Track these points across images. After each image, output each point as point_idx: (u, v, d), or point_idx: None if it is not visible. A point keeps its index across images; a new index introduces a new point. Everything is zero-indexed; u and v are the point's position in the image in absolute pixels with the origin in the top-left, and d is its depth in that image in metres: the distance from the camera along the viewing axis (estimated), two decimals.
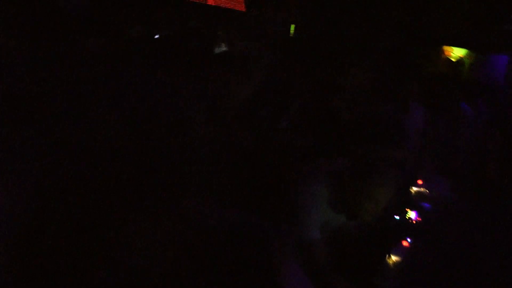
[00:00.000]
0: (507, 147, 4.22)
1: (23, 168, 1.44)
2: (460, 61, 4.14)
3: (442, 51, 4.09)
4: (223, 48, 2.53)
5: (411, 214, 2.87)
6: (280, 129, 2.59)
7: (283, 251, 1.50)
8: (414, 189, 3.31)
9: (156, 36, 2.41)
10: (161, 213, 1.47)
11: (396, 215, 2.83)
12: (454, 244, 2.58)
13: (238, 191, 2.23)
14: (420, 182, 3.46)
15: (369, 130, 3.69)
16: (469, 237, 2.73)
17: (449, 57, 4.08)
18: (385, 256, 2.34)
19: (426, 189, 3.31)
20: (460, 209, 3.07)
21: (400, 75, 3.93)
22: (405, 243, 2.52)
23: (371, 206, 2.12)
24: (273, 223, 1.61)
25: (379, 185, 2.10)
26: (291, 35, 2.69)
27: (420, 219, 2.83)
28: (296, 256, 2.10)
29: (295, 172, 2.34)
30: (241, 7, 2.68)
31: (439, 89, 4.56)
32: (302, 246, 2.14)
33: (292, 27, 2.85)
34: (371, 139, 3.68)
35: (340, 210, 2.21)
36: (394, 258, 2.32)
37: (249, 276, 1.32)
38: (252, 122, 2.49)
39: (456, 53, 4.02)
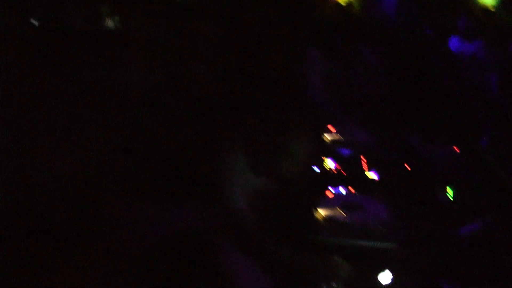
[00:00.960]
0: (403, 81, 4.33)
1: None
2: (349, 1, 4.11)
3: None
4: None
5: (329, 163, 2.83)
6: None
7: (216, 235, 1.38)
8: (328, 137, 3.28)
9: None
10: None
11: (315, 166, 2.77)
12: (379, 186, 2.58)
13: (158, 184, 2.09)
14: (332, 129, 3.43)
15: (270, 84, 3.61)
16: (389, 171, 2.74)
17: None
18: (313, 211, 2.27)
19: (340, 135, 3.29)
20: (374, 149, 3.07)
21: (291, 23, 3.85)
22: (329, 194, 2.47)
23: (288, 162, 2.04)
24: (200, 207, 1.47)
25: (292, 139, 2.01)
26: None
27: (339, 167, 2.79)
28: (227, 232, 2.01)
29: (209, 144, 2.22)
30: None
31: (333, 32, 4.57)
32: (232, 218, 2.07)
33: None
34: (274, 92, 3.61)
35: (259, 173, 2.10)
36: (321, 210, 2.26)
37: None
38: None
39: None
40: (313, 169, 2.76)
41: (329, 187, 2.52)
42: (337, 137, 3.29)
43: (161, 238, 1.17)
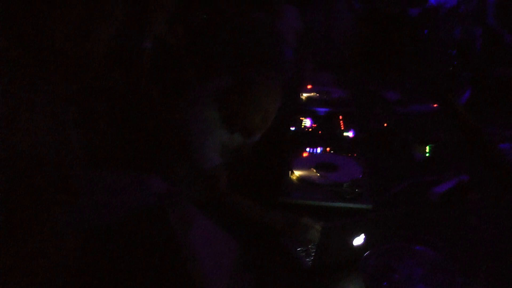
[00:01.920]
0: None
1: None
2: None
3: None
4: None
5: (306, 122, 2.78)
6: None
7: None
8: (305, 95, 3.22)
9: None
10: None
11: (292, 126, 2.72)
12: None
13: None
14: (309, 86, 3.38)
15: (246, 41, 3.52)
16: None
17: None
18: (287, 172, 2.23)
19: (315, 92, 3.23)
20: (352, 107, 3.03)
21: None
22: (304, 154, 2.43)
23: (262, 120, 1.99)
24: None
25: (266, 96, 1.96)
26: None
27: (315, 125, 2.75)
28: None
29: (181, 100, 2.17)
30: None
31: None
32: (202, 177, 2.05)
33: None
34: (249, 50, 3.52)
35: (232, 129, 2.07)
36: (295, 172, 2.22)
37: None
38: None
39: None
40: (290, 129, 2.71)
41: (306, 147, 2.49)
42: (314, 95, 3.24)
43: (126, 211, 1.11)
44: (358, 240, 1.72)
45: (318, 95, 3.21)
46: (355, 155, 2.40)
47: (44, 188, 0.92)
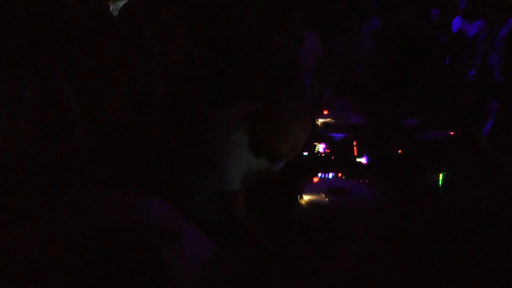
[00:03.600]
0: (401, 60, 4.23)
1: None
2: None
3: None
4: None
5: (320, 147, 2.77)
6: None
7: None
8: (320, 120, 3.21)
9: None
10: None
11: (305, 151, 2.71)
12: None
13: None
14: (325, 112, 3.37)
15: (269, 67, 3.55)
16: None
17: None
18: (297, 196, 2.22)
19: (332, 118, 3.22)
20: (367, 133, 3.00)
21: (284, 5, 3.78)
22: (315, 179, 2.41)
23: (289, 146, 2.03)
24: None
25: (296, 125, 1.97)
26: None
27: (329, 151, 2.73)
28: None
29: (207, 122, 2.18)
30: None
31: (328, 10, 4.47)
32: (220, 199, 2.05)
33: None
34: (273, 76, 3.55)
35: (260, 154, 2.09)
36: (305, 196, 2.20)
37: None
38: None
39: None
40: (303, 153, 2.70)
41: (318, 172, 2.47)
42: (330, 120, 3.23)
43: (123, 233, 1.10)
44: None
45: (334, 120, 3.19)
46: (367, 181, 2.37)
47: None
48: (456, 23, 4.72)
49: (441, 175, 2.38)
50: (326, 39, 4.03)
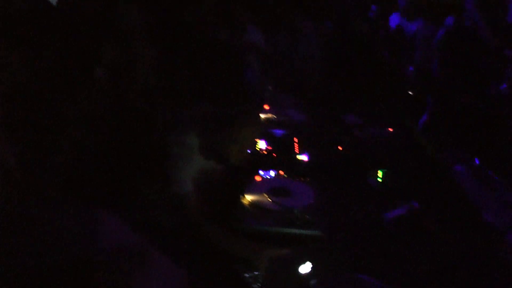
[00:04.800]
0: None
1: None
2: None
3: None
4: None
5: (261, 144, 2.75)
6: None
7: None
8: (262, 116, 3.19)
9: None
10: None
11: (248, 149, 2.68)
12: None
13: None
14: (266, 107, 3.35)
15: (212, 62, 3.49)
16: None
17: None
18: (240, 197, 2.19)
19: (273, 114, 3.21)
20: (308, 130, 3.01)
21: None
22: (258, 178, 2.39)
23: (237, 147, 2.04)
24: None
25: (244, 129, 1.98)
26: None
27: (270, 148, 2.71)
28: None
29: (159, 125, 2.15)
30: None
31: (272, 6, 4.44)
32: (174, 202, 2.02)
33: None
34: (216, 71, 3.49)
35: (210, 156, 2.09)
36: (248, 196, 2.18)
37: None
38: None
39: None
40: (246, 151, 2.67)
41: (259, 171, 2.45)
42: (272, 116, 3.21)
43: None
44: (305, 268, 1.69)
45: (275, 116, 3.18)
46: (308, 179, 2.37)
47: None
48: (394, 20, 4.81)
49: (380, 172, 2.41)
50: (269, 35, 4.01)
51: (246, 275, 1.79)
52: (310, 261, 1.72)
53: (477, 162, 2.62)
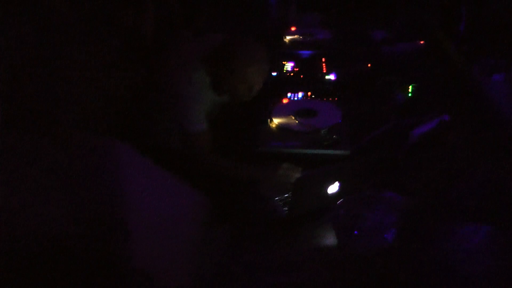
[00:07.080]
0: None
1: None
2: None
3: None
4: None
5: (288, 66, 2.71)
6: None
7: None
8: (288, 38, 3.12)
9: None
10: None
11: (274, 71, 2.65)
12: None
13: None
14: (293, 28, 3.27)
15: None
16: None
17: None
18: (267, 120, 2.20)
19: (299, 35, 3.13)
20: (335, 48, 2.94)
21: None
22: (285, 100, 2.38)
23: (247, 89, 2.06)
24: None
25: (250, 68, 1.99)
26: None
27: (297, 69, 2.68)
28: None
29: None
30: None
31: None
32: (185, 139, 2.04)
33: None
34: None
35: (221, 93, 2.09)
36: (275, 119, 2.19)
37: None
38: None
39: None
40: (271, 74, 2.64)
41: (287, 93, 2.43)
42: (298, 37, 3.14)
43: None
44: (333, 188, 1.71)
45: (301, 37, 3.11)
46: (336, 99, 2.34)
47: None
48: None
49: (410, 87, 2.36)
50: None
51: (276, 198, 1.82)
52: (337, 181, 1.73)
53: None
